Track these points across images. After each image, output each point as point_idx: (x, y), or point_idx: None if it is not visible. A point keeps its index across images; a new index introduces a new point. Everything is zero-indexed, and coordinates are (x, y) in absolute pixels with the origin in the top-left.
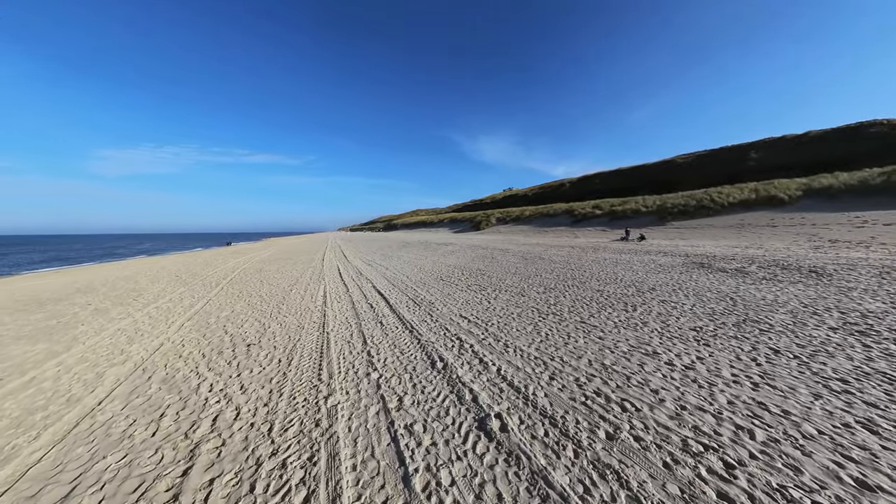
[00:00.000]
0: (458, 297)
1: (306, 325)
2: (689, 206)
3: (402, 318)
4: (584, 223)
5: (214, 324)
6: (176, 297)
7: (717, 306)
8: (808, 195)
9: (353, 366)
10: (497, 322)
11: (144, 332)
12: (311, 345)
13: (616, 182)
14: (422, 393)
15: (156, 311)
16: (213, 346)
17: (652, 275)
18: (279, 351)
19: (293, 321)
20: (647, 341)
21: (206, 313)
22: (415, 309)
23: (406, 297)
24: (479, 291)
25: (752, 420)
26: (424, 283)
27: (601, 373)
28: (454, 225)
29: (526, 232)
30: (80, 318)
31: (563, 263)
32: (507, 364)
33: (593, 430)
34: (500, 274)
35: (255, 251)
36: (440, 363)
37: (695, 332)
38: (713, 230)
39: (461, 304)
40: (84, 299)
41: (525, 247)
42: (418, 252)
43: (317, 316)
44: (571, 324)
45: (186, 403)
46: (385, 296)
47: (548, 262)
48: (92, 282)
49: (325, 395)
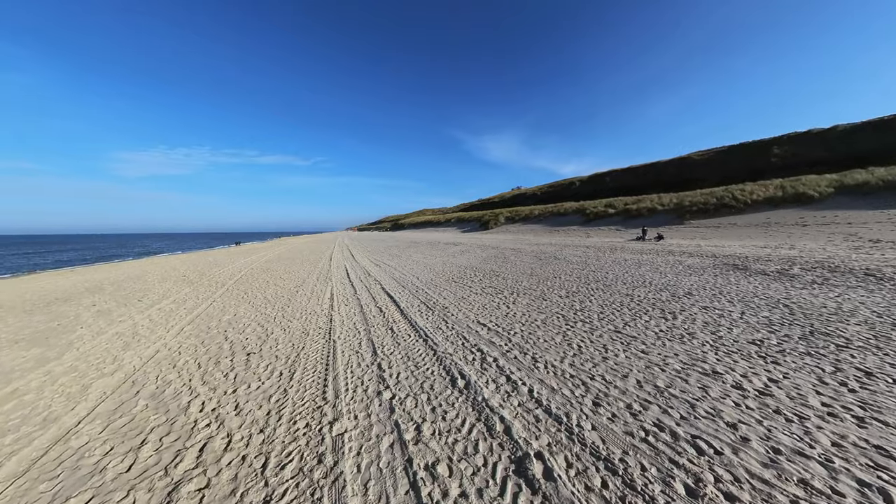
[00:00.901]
0: (473, 300)
1: (311, 330)
2: (709, 205)
3: (415, 324)
4: (597, 222)
5: (215, 328)
6: (180, 298)
7: (772, 315)
8: (841, 192)
9: (363, 382)
10: (520, 330)
11: (142, 336)
12: (316, 355)
13: (628, 180)
14: (443, 420)
15: (157, 314)
16: (211, 355)
17: (683, 277)
18: (281, 362)
19: (298, 326)
20: (702, 357)
21: (209, 316)
22: (427, 314)
23: (417, 300)
24: (495, 295)
25: (878, 473)
26: (436, 285)
27: (656, 398)
28: (462, 224)
29: (536, 231)
30: (81, 321)
31: (582, 264)
32: (539, 384)
33: (667, 482)
34: (516, 275)
35: (264, 250)
36: (461, 381)
37: (756, 347)
38: (737, 229)
39: (477, 308)
40: (90, 300)
41: (537, 247)
42: (427, 252)
43: (323, 321)
44: (605, 334)
45: (172, 427)
46: (395, 298)
47: (564, 262)
48: (102, 281)
49: (329, 420)
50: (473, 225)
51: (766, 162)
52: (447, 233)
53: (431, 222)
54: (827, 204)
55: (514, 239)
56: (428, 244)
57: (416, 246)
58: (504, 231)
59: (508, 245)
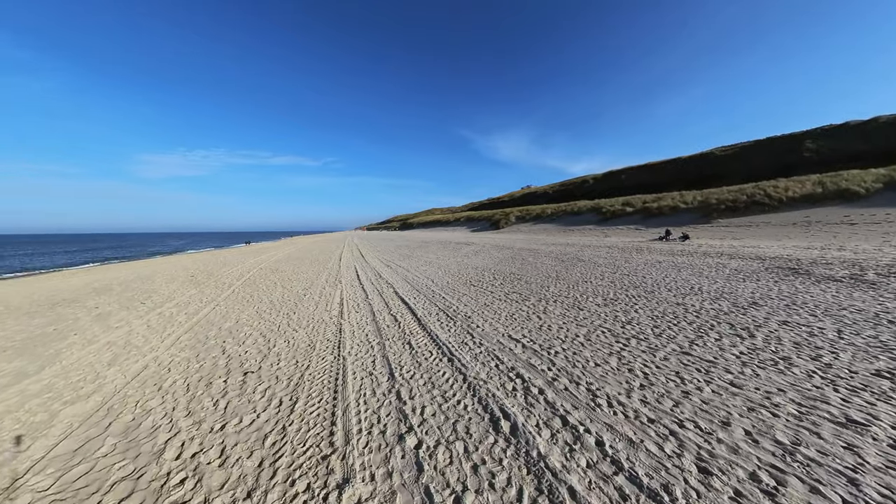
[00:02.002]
0: (498, 308)
1: (319, 343)
2: (738, 202)
3: (436, 337)
4: (614, 221)
5: (213, 338)
6: (184, 300)
7: (880, 333)
8: (891, 188)
9: (379, 419)
10: (562, 348)
11: (134, 347)
12: (322, 376)
13: (645, 178)
14: (491, 489)
15: (157, 319)
16: (203, 374)
17: (737, 283)
18: (281, 385)
19: (303, 337)
20: (820, 396)
21: (209, 323)
22: (449, 325)
23: (435, 307)
24: (521, 302)
25: None
26: (453, 290)
27: (788, 463)
28: (471, 224)
29: (549, 231)
30: (78, 326)
31: (610, 266)
32: (609, 431)
33: None
34: (540, 279)
35: (274, 250)
36: (505, 423)
37: (888, 381)
38: (772, 228)
39: (505, 318)
40: (94, 301)
41: (555, 247)
42: (439, 252)
43: (332, 331)
44: (671, 356)
45: (137, 484)
46: (410, 305)
47: (590, 264)
48: (112, 281)
49: (338, 482)
50: (483, 224)
51: (797, 157)
52: (457, 232)
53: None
54: (874, 201)
55: (527, 239)
56: (439, 244)
57: (426, 246)
58: (515, 230)
59: (523, 245)
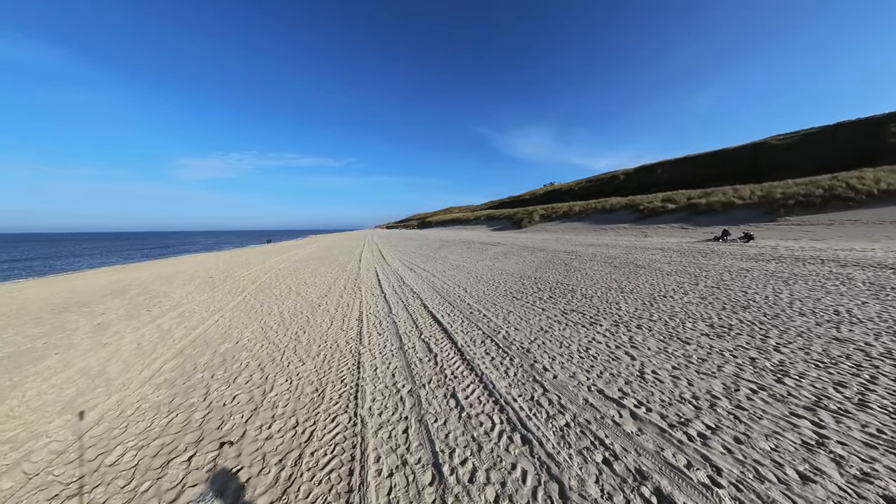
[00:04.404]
0: (562, 337)
1: (329, 388)
2: (813, 196)
3: (492, 388)
4: (653, 220)
5: (202, 370)
6: (190, 308)
7: None
8: None
9: None
10: (706, 423)
11: (106, 380)
12: (330, 463)
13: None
14: None
15: (151, 335)
16: (165, 442)
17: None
18: (266, 479)
19: (311, 375)
20: None
21: (205, 343)
22: (504, 363)
23: (477, 329)
24: (590, 327)
25: None
26: (494, 304)
27: None
28: (492, 222)
29: (578, 230)
30: (69, 340)
31: (683, 275)
32: None
33: None
34: (599, 291)
35: (295, 248)
36: None
37: None
38: (863, 227)
39: (580, 356)
40: (104, 307)
41: (594, 248)
42: (463, 253)
43: (348, 366)
44: None
45: None
46: (444, 325)
47: (653, 272)
48: (132, 282)
49: None
50: (505, 223)
51: (880, 143)
52: (477, 231)
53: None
54: None
55: (556, 239)
56: (461, 244)
57: (448, 246)
58: (540, 230)
59: (557, 247)
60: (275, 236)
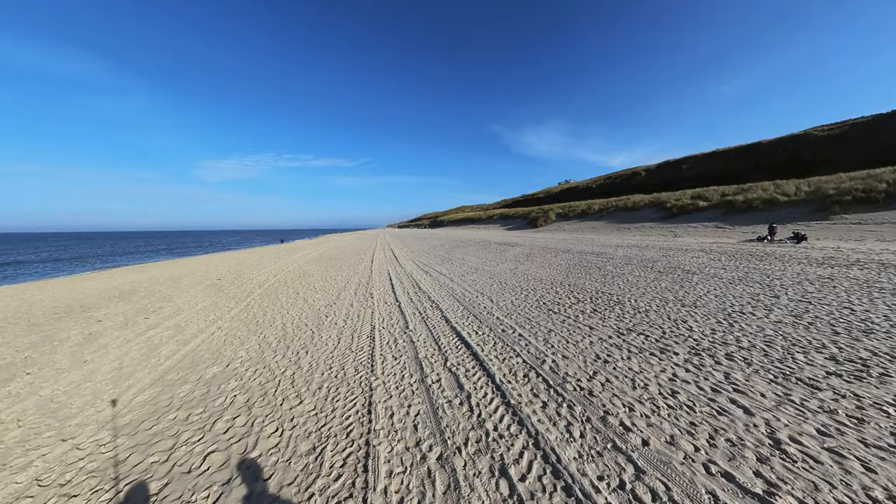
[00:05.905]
0: (635, 372)
1: (330, 447)
2: (874, 192)
3: (560, 465)
4: (684, 218)
5: (179, 406)
6: (188, 317)
7: None
8: None
9: None
10: None
11: (66, 416)
12: None
13: (714, 167)
14: None
15: (137, 350)
16: None
17: None
18: None
19: (309, 421)
20: None
21: (193, 364)
22: (565, 415)
23: (516, 356)
24: (662, 355)
25: None
26: (528, 318)
27: None
28: (505, 221)
29: (598, 229)
30: (52, 355)
31: (756, 284)
32: None
33: None
34: (653, 304)
35: (308, 248)
36: None
37: None
38: None
39: (670, 404)
40: (103, 312)
41: (624, 250)
42: (480, 254)
43: (356, 408)
44: None
45: None
46: (475, 350)
47: (709, 278)
48: (143, 283)
49: None
50: (519, 222)
51: None
52: (491, 230)
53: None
54: None
55: (576, 239)
56: (476, 244)
57: (463, 246)
58: (557, 229)
59: (580, 247)
60: (289, 236)
